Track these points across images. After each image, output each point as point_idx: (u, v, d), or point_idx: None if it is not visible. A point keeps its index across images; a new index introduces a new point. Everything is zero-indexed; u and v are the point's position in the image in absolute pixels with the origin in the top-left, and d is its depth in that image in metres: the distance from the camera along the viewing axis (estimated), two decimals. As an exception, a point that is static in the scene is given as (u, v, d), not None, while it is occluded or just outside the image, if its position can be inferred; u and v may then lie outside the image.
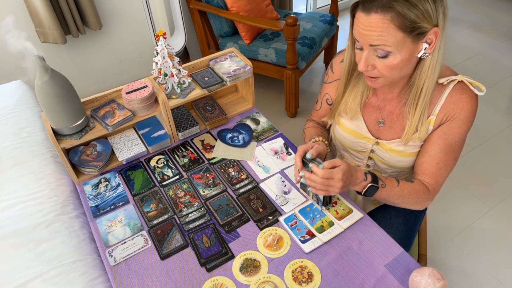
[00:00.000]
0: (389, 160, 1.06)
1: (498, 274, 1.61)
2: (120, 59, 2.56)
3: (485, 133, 2.26)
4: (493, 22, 3.28)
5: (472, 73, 2.73)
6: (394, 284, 0.87)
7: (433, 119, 0.97)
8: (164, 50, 1.14)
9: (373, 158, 1.10)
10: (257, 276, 0.90)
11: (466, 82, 0.95)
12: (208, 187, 1.12)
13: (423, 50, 0.86)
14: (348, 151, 1.15)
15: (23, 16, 2.08)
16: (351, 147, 1.12)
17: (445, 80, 0.95)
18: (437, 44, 0.86)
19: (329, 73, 1.13)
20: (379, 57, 0.86)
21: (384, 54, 0.85)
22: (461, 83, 0.95)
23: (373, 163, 1.12)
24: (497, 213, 1.84)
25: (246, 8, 2.23)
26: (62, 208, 1.12)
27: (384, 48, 0.84)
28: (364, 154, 1.11)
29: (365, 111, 1.07)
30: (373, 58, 0.88)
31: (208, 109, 1.34)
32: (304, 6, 3.52)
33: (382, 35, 0.82)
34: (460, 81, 0.95)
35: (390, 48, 0.84)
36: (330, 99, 1.15)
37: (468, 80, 0.95)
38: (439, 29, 0.84)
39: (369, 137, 1.06)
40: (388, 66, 0.87)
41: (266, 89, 2.70)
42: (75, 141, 1.09)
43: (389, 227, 1.13)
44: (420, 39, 0.84)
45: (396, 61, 0.86)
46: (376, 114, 1.06)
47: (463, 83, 0.95)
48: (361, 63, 0.89)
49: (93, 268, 0.99)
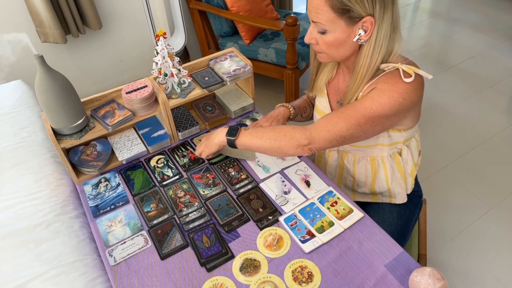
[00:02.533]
0: None
1: (498, 274, 1.61)
2: (120, 59, 2.56)
3: (485, 133, 2.26)
4: (493, 22, 3.28)
5: (472, 73, 2.73)
6: (394, 284, 0.87)
7: (360, 95, 0.99)
8: (164, 50, 1.14)
9: None
10: (257, 276, 0.90)
11: (400, 69, 0.93)
12: (208, 187, 1.12)
13: (357, 35, 0.91)
14: None
15: (23, 16, 2.08)
16: None
17: (385, 65, 0.95)
18: (373, 33, 0.90)
19: None
20: (319, 32, 0.94)
21: (321, 30, 0.93)
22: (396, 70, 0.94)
23: None
24: (497, 213, 1.84)
25: (246, 8, 2.23)
26: (62, 208, 1.12)
27: (321, 26, 0.92)
28: None
29: (330, 92, 1.14)
30: (316, 33, 0.95)
31: (208, 109, 1.34)
32: (304, 6, 3.52)
33: (318, 12, 0.90)
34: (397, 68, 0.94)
35: (325, 26, 0.91)
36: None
37: (403, 68, 0.93)
38: (374, 19, 0.88)
39: None
40: (325, 42, 0.95)
41: (266, 89, 2.70)
42: (75, 141, 1.09)
43: (382, 222, 1.14)
44: (354, 24, 0.90)
45: (331, 39, 0.93)
46: (336, 95, 1.13)
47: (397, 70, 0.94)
48: (307, 35, 0.98)
49: (93, 268, 0.99)
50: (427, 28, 3.29)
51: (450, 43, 3.08)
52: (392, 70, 0.95)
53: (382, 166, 1.12)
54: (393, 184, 1.15)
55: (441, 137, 2.26)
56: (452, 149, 2.18)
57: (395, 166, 1.13)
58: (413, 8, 3.62)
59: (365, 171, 1.15)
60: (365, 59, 0.95)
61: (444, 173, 2.05)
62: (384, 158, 1.11)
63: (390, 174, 1.13)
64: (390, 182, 1.14)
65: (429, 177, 2.02)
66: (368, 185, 1.17)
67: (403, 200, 1.18)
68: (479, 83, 2.64)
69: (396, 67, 0.94)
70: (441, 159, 2.12)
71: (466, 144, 2.20)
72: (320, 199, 1.05)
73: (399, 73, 0.93)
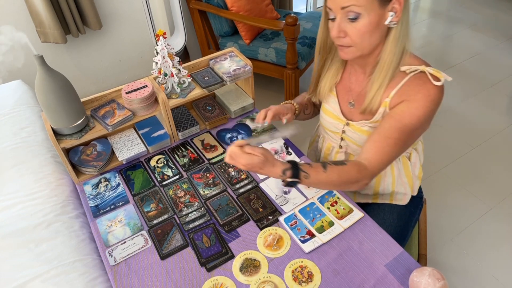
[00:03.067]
0: (359, 141, 1.08)
1: (498, 274, 1.61)
2: (120, 59, 2.56)
3: (485, 133, 2.26)
4: (493, 22, 3.28)
5: (472, 73, 2.73)
6: (394, 284, 0.86)
7: (387, 101, 0.98)
8: (164, 50, 1.14)
9: (345, 139, 1.12)
10: (257, 276, 0.90)
11: (426, 72, 0.93)
12: (208, 187, 1.12)
13: (389, 17, 0.88)
14: (326, 132, 1.18)
15: (23, 16, 2.08)
16: (328, 128, 1.16)
17: (407, 68, 0.95)
18: (402, 14, 0.88)
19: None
20: (350, 20, 0.89)
21: (354, 16, 0.88)
22: (422, 73, 0.94)
23: (346, 144, 1.14)
24: (497, 213, 1.84)
25: (246, 8, 2.23)
26: (62, 208, 1.12)
27: (354, 9, 0.86)
28: (337, 135, 1.14)
29: (340, 93, 1.11)
30: (345, 24, 0.90)
31: (208, 109, 1.34)
32: (304, 6, 3.52)
33: None
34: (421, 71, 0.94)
35: (360, 9, 0.86)
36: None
37: (429, 71, 0.93)
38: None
39: (341, 118, 1.10)
40: (358, 31, 0.89)
41: (266, 88, 2.70)
42: (75, 141, 1.09)
43: (382, 223, 1.14)
44: (386, 5, 0.87)
45: (365, 24, 0.88)
46: (348, 96, 1.10)
47: (423, 73, 0.94)
48: (334, 29, 0.91)
49: (93, 268, 0.99)
50: (427, 28, 3.29)
51: (450, 43, 3.08)
52: (418, 74, 0.94)
53: (389, 170, 1.12)
54: (398, 187, 1.15)
55: (441, 137, 2.26)
56: (452, 149, 2.18)
57: (403, 170, 1.13)
58: (413, 7, 3.62)
59: None
60: (393, 44, 0.92)
61: (444, 173, 2.05)
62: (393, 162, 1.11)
63: (396, 177, 1.13)
64: (396, 185, 1.14)
65: (429, 177, 2.02)
66: (372, 187, 1.17)
67: (405, 201, 1.17)
68: (479, 83, 2.64)
69: (420, 69, 0.94)
70: (441, 159, 2.12)
71: (466, 144, 2.20)
72: (320, 199, 1.05)
73: (427, 77, 0.93)
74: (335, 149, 1.17)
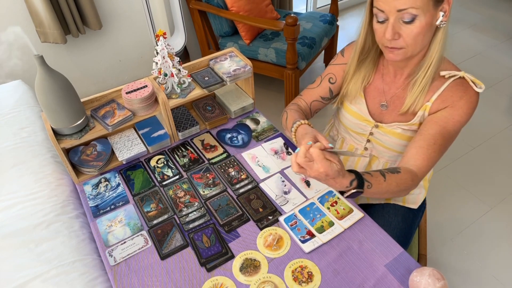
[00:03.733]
0: (388, 143, 1.08)
1: (498, 274, 1.61)
2: (120, 59, 2.56)
3: (485, 133, 2.26)
4: (493, 22, 3.28)
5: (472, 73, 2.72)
6: (394, 284, 0.86)
7: (428, 105, 0.99)
8: (164, 50, 1.14)
9: (372, 141, 1.12)
10: (257, 276, 0.90)
11: (467, 78, 0.96)
12: (208, 187, 1.12)
13: (440, 17, 0.87)
14: (349, 133, 1.17)
15: (23, 16, 2.08)
16: (352, 129, 1.14)
17: (446, 73, 0.96)
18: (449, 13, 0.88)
19: (339, 57, 1.15)
20: (405, 23, 0.86)
21: (410, 18, 0.85)
22: (462, 79, 0.97)
23: (371, 146, 1.13)
24: (497, 213, 1.84)
25: (246, 8, 2.23)
26: (62, 208, 1.12)
27: (412, 12, 0.83)
28: (363, 137, 1.13)
29: (369, 94, 1.09)
30: (399, 26, 0.87)
31: (208, 109, 1.34)
32: (304, 6, 3.52)
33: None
34: (461, 77, 0.97)
35: (417, 11, 0.84)
36: (334, 78, 1.15)
37: (469, 77, 0.96)
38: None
39: (370, 120, 1.09)
40: (412, 32, 0.87)
41: (266, 89, 2.70)
42: (75, 141, 1.09)
43: (387, 225, 1.14)
44: (439, 6, 0.86)
45: (421, 26, 0.86)
46: (380, 97, 1.08)
47: (464, 79, 0.96)
48: (388, 32, 0.88)
49: (93, 268, 0.99)
50: (427, 28, 3.29)
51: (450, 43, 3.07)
52: (458, 80, 0.95)
53: None
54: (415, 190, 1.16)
55: (441, 137, 2.26)
56: (452, 149, 2.17)
57: None
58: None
59: None
60: (440, 43, 0.92)
61: (444, 173, 2.05)
62: None
63: None
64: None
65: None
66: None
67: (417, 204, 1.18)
68: (479, 83, 2.64)
69: (460, 75, 0.95)
70: (442, 159, 2.11)
71: (466, 144, 2.20)
72: (320, 199, 1.05)
73: (467, 84, 0.95)
74: (359, 151, 1.16)
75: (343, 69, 1.13)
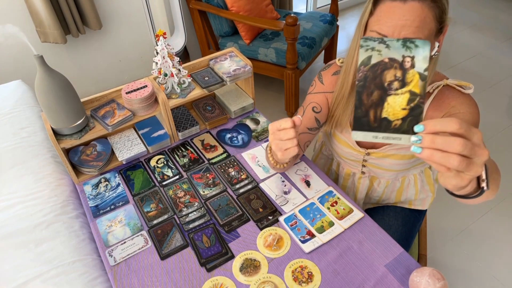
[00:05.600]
0: (385, 165, 1.07)
1: (499, 274, 1.61)
2: (120, 59, 2.56)
3: (485, 133, 2.26)
4: (493, 22, 3.28)
5: (472, 73, 2.73)
6: (394, 284, 0.86)
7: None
8: (164, 50, 1.14)
9: (367, 165, 1.11)
10: (257, 276, 0.90)
11: (451, 84, 0.92)
12: (208, 187, 1.11)
13: (436, 48, 0.82)
14: (343, 160, 1.16)
15: (23, 15, 2.08)
16: (345, 157, 1.13)
17: (430, 87, 0.93)
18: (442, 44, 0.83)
19: (317, 84, 1.07)
20: None
21: None
22: (446, 86, 0.93)
23: (368, 169, 1.13)
24: (497, 213, 1.84)
25: (246, 8, 2.23)
26: (62, 208, 1.12)
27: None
28: (357, 163, 1.13)
29: None
30: None
31: (208, 109, 1.34)
32: (304, 6, 3.52)
33: (421, 25, 0.74)
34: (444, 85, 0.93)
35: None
36: (318, 107, 1.06)
37: (453, 83, 0.92)
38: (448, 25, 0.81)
39: (359, 150, 1.07)
40: None
41: (266, 89, 2.70)
42: (75, 141, 1.09)
43: (388, 228, 1.13)
44: (438, 37, 0.81)
45: None
46: None
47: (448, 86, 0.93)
48: None
49: (93, 268, 0.99)
50: (427, 28, 3.29)
51: (450, 43, 3.08)
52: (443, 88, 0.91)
53: (413, 183, 1.13)
54: (420, 195, 1.16)
55: (441, 137, 2.26)
56: (452, 149, 2.18)
57: (425, 180, 1.14)
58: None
59: (393, 187, 1.15)
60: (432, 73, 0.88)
61: (444, 173, 2.05)
62: (416, 175, 1.12)
63: (419, 188, 1.14)
64: (418, 194, 1.15)
65: (429, 177, 2.02)
66: (393, 198, 1.17)
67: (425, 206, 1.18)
68: (479, 83, 2.64)
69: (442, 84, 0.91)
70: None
71: (466, 144, 2.20)
72: (320, 199, 1.05)
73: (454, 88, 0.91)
74: (357, 175, 1.16)
75: (326, 97, 1.05)
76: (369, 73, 0.57)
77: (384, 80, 0.57)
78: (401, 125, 0.55)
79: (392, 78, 0.56)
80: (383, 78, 0.56)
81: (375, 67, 0.56)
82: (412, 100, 0.55)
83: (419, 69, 0.55)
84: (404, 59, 0.56)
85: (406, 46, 0.55)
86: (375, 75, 0.56)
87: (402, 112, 0.55)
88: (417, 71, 0.55)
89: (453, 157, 0.49)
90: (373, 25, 0.80)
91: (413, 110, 0.55)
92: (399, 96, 0.56)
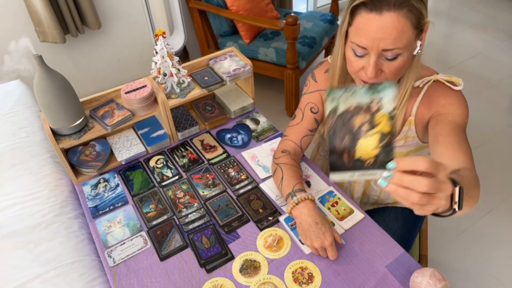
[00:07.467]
0: None
1: (500, 275, 1.61)
2: (119, 59, 2.55)
3: (485, 133, 2.25)
4: (494, 22, 3.28)
5: (473, 72, 2.73)
6: (395, 285, 0.86)
7: (412, 120, 0.96)
8: (164, 50, 1.13)
9: None
10: (257, 277, 0.89)
11: (441, 80, 0.92)
12: (207, 188, 1.11)
13: (418, 47, 0.82)
14: None
15: (22, 15, 2.08)
16: None
17: (420, 82, 0.93)
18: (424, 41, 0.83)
19: (311, 84, 1.08)
20: (388, 59, 0.80)
21: (395, 56, 0.79)
22: (436, 82, 0.93)
23: None
24: (498, 213, 1.83)
25: (246, 7, 2.22)
26: (61, 208, 1.11)
27: (396, 52, 0.78)
28: None
29: None
30: (381, 63, 0.81)
31: (208, 109, 1.33)
32: (304, 5, 3.51)
33: (398, 36, 0.75)
34: (435, 81, 0.93)
35: (402, 50, 0.78)
36: (315, 107, 1.07)
37: (443, 78, 0.92)
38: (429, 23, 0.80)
39: None
40: (396, 68, 0.81)
41: (266, 89, 2.69)
42: (74, 141, 1.08)
43: (388, 229, 1.12)
44: (419, 37, 0.81)
45: (404, 62, 0.81)
46: None
47: (438, 82, 0.93)
48: (371, 71, 0.80)
49: (92, 269, 0.98)
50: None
51: (450, 43, 3.07)
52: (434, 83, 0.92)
53: None
54: None
55: (441, 137, 2.25)
56: (452, 149, 2.17)
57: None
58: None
59: None
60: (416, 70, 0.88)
61: (445, 173, 2.04)
62: None
63: None
64: None
65: (429, 177, 2.02)
66: (391, 197, 1.16)
67: None
68: (480, 82, 2.63)
69: (432, 79, 0.92)
70: (442, 159, 2.11)
71: (467, 144, 2.20)
72: (320, 199, 1.05)
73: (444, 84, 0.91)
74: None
75: (321, 95, 1.06)
76: (338, 121, 0.58)
77: (354, 125, 0.58)
78: (374, 162, 0.58)
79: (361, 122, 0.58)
80: (352, 124, 0.58)
81: (343, 115, 0.58)
82: (382, 139, 0.57)
83: (387, 110, 0.56)
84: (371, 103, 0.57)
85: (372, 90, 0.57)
86: (344, 122, 0.58)
87: (374, 151, 0.57)
88: (385, 112, 0.56)
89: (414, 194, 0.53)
90: (352, 36, 0.81)
91: (384, 147, 0.57)
92: (370, 137, 0.57)
